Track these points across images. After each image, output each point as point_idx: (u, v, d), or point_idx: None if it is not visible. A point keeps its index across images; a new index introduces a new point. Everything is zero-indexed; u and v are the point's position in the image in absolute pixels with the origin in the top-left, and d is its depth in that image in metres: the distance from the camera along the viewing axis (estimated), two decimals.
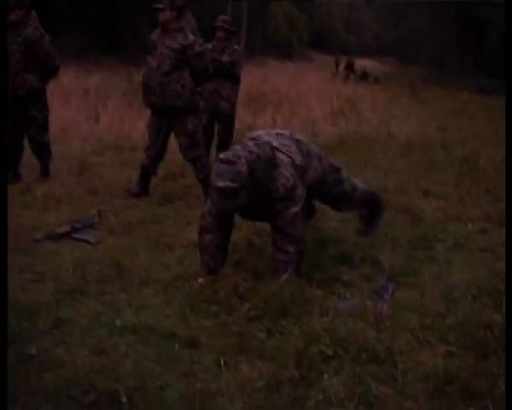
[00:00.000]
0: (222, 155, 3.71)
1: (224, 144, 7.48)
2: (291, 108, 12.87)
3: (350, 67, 26.12)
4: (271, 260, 3.97)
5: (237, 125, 8.58)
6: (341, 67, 26.63)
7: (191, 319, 3.46)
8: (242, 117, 10.79)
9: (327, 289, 3.83)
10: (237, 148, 3.78)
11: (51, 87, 7.28)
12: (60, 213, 5.49)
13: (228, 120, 7.50)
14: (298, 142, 4.22)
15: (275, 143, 3.99)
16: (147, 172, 6.20)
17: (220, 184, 3.57)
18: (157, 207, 5.80)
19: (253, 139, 3.92)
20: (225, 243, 4.05)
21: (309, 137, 9.62)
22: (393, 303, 3.66)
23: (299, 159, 4.04)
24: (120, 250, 4.56)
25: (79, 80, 15.37)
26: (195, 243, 4.16)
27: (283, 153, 3.97)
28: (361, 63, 28.89)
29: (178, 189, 6.49)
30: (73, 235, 4.89)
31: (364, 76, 26.12)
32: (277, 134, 4.24)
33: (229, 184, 3.54)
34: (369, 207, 5.02)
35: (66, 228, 4.95)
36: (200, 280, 3.87)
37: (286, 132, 4.34)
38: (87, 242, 4.79)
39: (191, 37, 5.79)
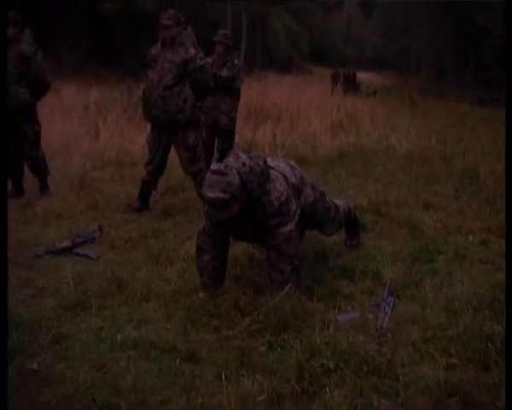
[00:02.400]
0: (213, 166, 3.71)
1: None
2: (291, 121, 12.89)
3: (349, 80, 26.05)
4: (268, 279, 3.98)
5: (237, 139, 8.61)
6: (340, 80, 26.56)
7: (192, 333, 3.47)
8: (242, 131, 10.81)
9: (328, 303, 3.85)
10: (229, 159, 3.78)
11: (51, 102, 7.33)
12: (60, 228, 5.52)
13: (228, 134, 7.51)
14: (292, 167, 4.25)
15: (269, 162, 4.00)
16: (147, 187, 6.22)
17: (211, 195, 3.58)
18: (158, 221, 5.81)
19: (246, 152, 3.92)
20: (223, 262, 4.05)
21: (309, 150, 9.68)
22: (394, 316, 3.67)
23: (293, 179, 4.07)
24: (121, 265, 4.58)
25: (79, 95, 15.43)
26: (195, 257, 4.16)
27: (277, 171, 4.00)
28: (360, 76, 28.90)
29: (179, 203, 6.50)
30: (74, 250, 4.91)
31: (358, 88, 25.99)
32: (272, 158, 4.28)
33: (220, 195, 3.55)
34: (349, 223, 5.02)
35: (66, 243, 4.97)
36: (200, 295, 3.89)
37: (280, 158, 4.35)
38: (88, 257, 4.80)
39: (192, 50, 5.83)
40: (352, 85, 25.45)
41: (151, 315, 3.75)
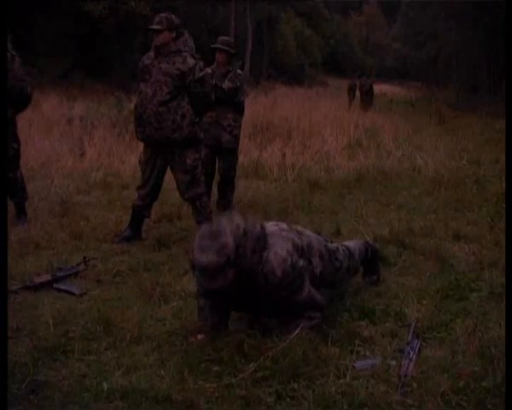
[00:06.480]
0: (203, 227, 3.72)
1: (227, 182, 7.51)
2: (302, 139, 12.94)
3: (366, 93, 26.18)
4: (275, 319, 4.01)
5: (241, 159, 8.62)
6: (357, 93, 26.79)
7: (189, 380, 3.45)
8: (247, 150, 10.84)
9: (344, 347, 3.83)
10: (222, 220, 3.73)
11: (30, 116, 7.35)
12: (39, 259, 5.51)
13: (230, 154, 7.49)
14: (299, 233, 4.20)
15: (270, 228, 3.98)
16: (139, 214, 6.22)
17: (203, 259, 3.53)
18: (151, 253, 5.81)
19: (242, 215, 3.87)
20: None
21: (323, 173, 9.69)
22: (421, 363, 3.65)
23: (299, 242, 4.03)
24: (108, 303, 4.57)
25: (62, 108, 15.51)
26: (194, 294, 4.16)
27: (280, 236, 3.96)
28: (380, 88, 29.11)
29: (175, 232, 6.50)
30: (55, 285, 4.90)
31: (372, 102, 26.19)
32: (276, 223, 4.24)
33: (213, 257, 3.51)
34: (367, 261, 5.02)
35: (46, 277, 4.96)
36: (199, 336, 3.88)
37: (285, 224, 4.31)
38: (70, 293, 4.80)
39: (191, 60, 5.82)
40: (369, 98, 25.64)
41: (142, 360, 3.73)
